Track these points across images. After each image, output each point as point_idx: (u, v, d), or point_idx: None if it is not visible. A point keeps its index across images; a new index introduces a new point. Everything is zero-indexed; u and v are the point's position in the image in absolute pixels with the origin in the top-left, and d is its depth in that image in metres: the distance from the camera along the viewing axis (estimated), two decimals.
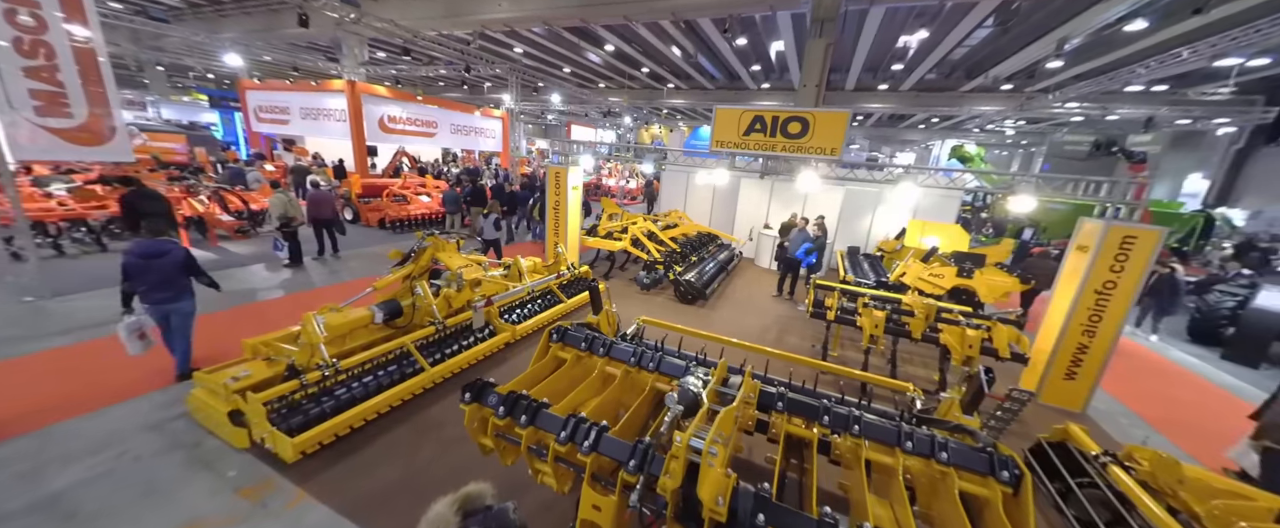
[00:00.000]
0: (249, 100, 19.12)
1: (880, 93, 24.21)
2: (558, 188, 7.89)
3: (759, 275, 10.55)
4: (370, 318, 4.47)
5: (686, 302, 7.87)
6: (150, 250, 4.04)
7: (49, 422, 3.59)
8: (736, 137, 6.37)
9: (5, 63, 5.17)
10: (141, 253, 4.00)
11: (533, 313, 6.11)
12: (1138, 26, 11.33)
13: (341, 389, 3.77)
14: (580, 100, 29.77)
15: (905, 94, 23.94)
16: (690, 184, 13.53)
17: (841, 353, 6.16)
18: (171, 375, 4.33)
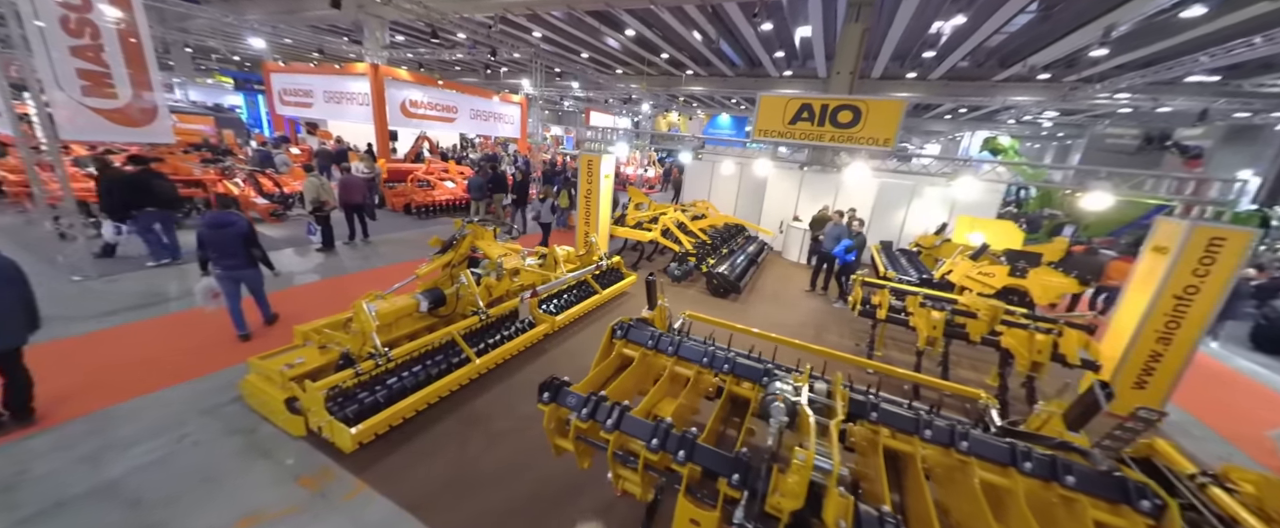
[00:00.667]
0: (273, 83, 19.18)
1: (908, 81, 23.35)
2: (590, 176, 7.72)
3: (789, 269, 10.32)
4: (416, 306, 4.41)
5: (719, 295, 7.71)
6: (218, 222, 4.54)
7: (105, 404, 3.62)
8: (781, 125, 6.11)
9: (53, 41, 5.14)
10: (210, 223, 4.52)
11: (569, 303, 6.01)
12: (1195, 13, 10.60)
13: (392, 378, 3.72)
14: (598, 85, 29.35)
15: (934, 83, 23.05)
16: (715, 174, 13.25)
17: (885, 353, 5.96)
18: (223, 358, 4.36)
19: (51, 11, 5.14)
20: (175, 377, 4.05)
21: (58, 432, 3.29)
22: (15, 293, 3.16)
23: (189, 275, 6.32)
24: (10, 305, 3.12)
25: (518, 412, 4.06)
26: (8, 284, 3.11)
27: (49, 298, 5.20)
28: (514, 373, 4.67)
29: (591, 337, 5.75)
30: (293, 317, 5.46)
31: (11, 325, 3.13)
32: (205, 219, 4.60)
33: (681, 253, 7.99)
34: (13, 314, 3.13)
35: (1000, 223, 7.64)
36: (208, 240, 4.51)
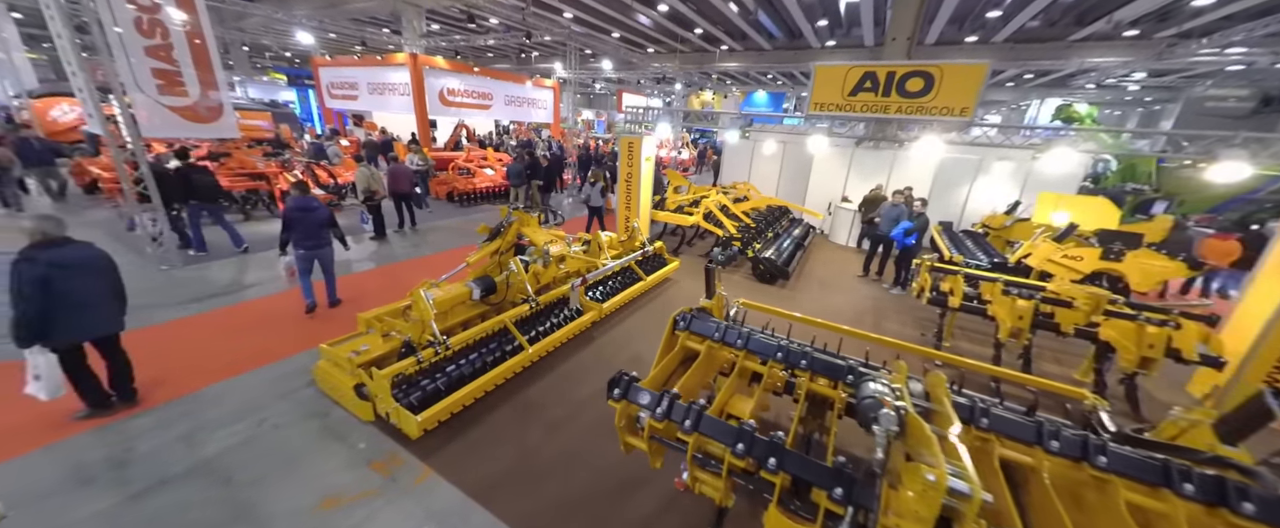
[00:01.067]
0: (322, 77, 20.00)
1: (968, 46, 21.30)
2: (630, 159, 7.53)
3: (837, 253, 9.80)
4: (468, 294, 4.44)
5: (766, 281, 7.41)
6: (303, 206, 5.01)
7: (195, 388, 3.87)
8: (840, 97, 5.62)
9: (130, 43, 5.43)
10: (296, 207, 4.97)
11: (614, 290, 5.93)
12: None
13: (451, 366, 3.77)
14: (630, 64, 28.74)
15: (999, 46, 20.91)
16: (756, 153, 12.70)
17: (952, 343, 5.53)
18: (294, 344, 4.58)
19: (127, 15, 5.41)
20: (253, 361, 4.29)
21: (157, 413, 3.55)
22: (108, 282, 3.33)
23: (258, 265, 6.72)
24: (105, 294, 3.31)
25: (571, 399, 4.04)
26: (100, 274, 3.27)
27: (142, 288, 5.67)
28: (563, 360, 4.66)
29: (638, 324, 5.66)
30: (352, 302, 5.69)
31: (107, 313, 3.33)
32: (293, 203, 5.01)
33: (725, 237, 7.71)
34: (107, 302, 3.33)
35: (1093, 200, 6.83)
36: (295, 222, 4.95)
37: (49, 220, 3.13)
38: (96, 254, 3.28)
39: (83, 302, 3.12)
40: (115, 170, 6.15)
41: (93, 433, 3.29)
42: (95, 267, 3.24)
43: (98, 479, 2.92)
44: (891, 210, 7.30)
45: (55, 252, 3.03)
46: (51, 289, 2.92)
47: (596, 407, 3.96)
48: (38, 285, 2.87)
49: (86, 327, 3.22)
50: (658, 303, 6.39)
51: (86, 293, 3.15)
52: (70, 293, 3.04)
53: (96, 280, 3.23)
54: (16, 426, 3.27)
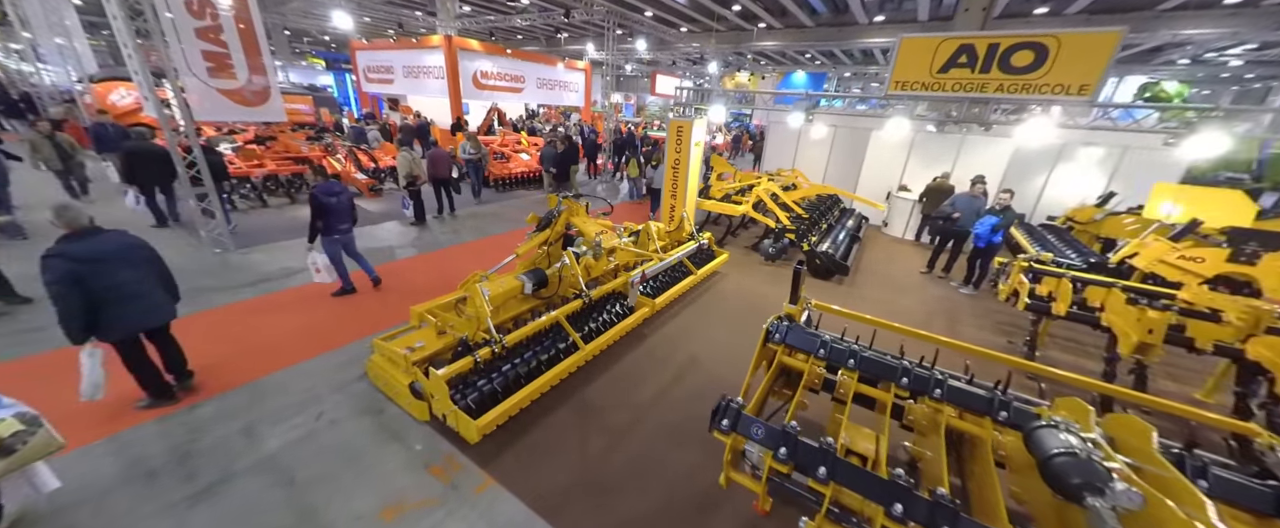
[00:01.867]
0: (359, 61, 20.16)
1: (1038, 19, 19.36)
2: (679, 144, 7.10)
3: (894, 246, 9.15)
4: (521, 288, 4.22)
5: (821, 276, 6.92)
6: (331, 190, 4.89)
7: (253, 376, 3.83)
8: (927, 75, 4.99)
9: (182, 25, 5.37)
10: (325, 192, 4.84)
11: (664, 284, 5.62)
12: None
13: (506, 365, 3.56)
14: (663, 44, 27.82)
15: (1072, 17, 18.88)
16: (803, 137, 11.97)
17: (1043, 351, 4.96)
18: (344, 332, 4.51)
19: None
20: (307, 350, 4.23)
21: (218, 402, 3.51)
22: (151, 271, 3.23)
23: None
24: (150, 284, 3.20)
25: (631, 402, 3.79)
26: (140, 264, 3.15)
27: (196, 270, 5.74)
28: (617, 359, 4.41)
29: (690, 320, 5.34)
30: (397, 289, 5.60)
31: (155, 302, 3.22)
32: (321, 189, 4.87)
33: (778, 228, 7.23)
34: (154, 292, 3.23)
35: (1222, 193, 5.95)
36: (329, 208, 4.84)
37: (68, 210, 2.92)
38: (130, 243, 3.13)
39: (128, 294, 3.01)
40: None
41: (156, 423, 3.26)
42: (132, 256, 3.10)
43: (162, 473, 2.86)
44: (969, 201, 6.63)
45: (84, 244, 2.86)
46: (88, 284, 2.79)
47: (660, 412, 3.69)
48: (69, 282, 2.73)
49: (136, 319, 3.11)
50: (707, 297, 6.05)
51: (130, 284, 3.02)
52: (114, 286, 2.91)
53: (136, 270, 3.09)
54: (80, 414, 3.27)
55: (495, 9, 23.88)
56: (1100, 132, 7.77)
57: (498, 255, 6.88)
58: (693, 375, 4.23)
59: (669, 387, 4.03)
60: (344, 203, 5.05)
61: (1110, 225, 7.03)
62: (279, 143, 9.51)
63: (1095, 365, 4.92)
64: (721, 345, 4.79)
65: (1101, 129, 7.05)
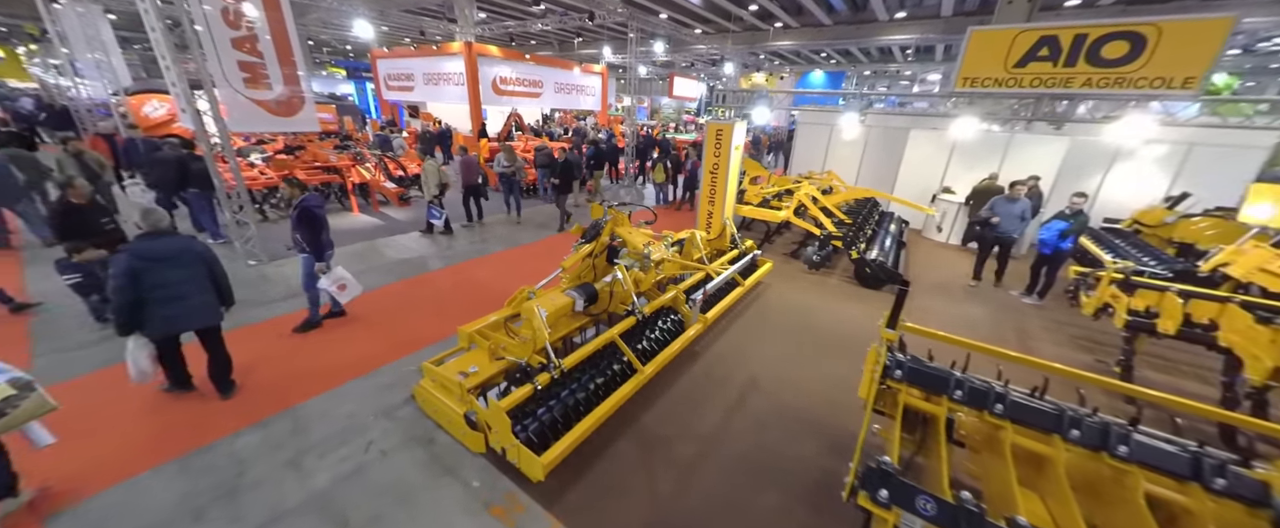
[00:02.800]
0: (379, 69, 20.33)
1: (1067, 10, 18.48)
2: (718, 148, 6.82)
3: (937, 251, 8.70)
4: (571, 305, 3.97)
5: (870, 285, 6.55)
6: (319, 201, 4.47)
7: (297, 398, 3.65)
8: (1001, 70, 4.63)
9: (218, 37, 5.28)
10: (317, 203, 4.40)
11: (712, 296, 5.31)
12: None
13: (564, 391, 3.31)
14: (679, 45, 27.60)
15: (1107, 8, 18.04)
16: (833, 137, 11.58)
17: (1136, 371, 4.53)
18: (384, 351, 4.32)
19: (214, 5, 5.24)
20: (350, 370, 4.05)
21: (264, 429, 3.32)
22: (203, 274, 3.32)
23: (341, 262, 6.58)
24: (199, 287, 3.29)
25: (695, 432, 3.51)
26: (191, 266, 3.24)
27: (234, 283, 5.64)
28: (672, 380, 4.13)
29: (741, 336, 5.04)
30: (431, 304, 5.40)
31: (200, 304, 3.31)
32: (312, 200, 4.38)
33: (823, 235, 6.88)
34: (201, 295, 3.31)
35: None
36: (324, 220, 4.44)
37: (152, 213, 3.19)
38: (184, 245, 3.24)
39: (174, 295, 3.13)
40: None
41: (200, 454, 3.08)
42: (185, 259, 3.20)
43: (209, 513, 2.67)
44: (1010, 205, 6.17)
45: (147, 244, 3.07)
46: (142, 281, 2.98)
47: (728, 443, 3.40)
48: (128, 278, 2.94)
49: (179, 319, 3.22)
50: (754, 310, 5.74)
51: (178, 285, 3.15)
52: (161, 285, 3.07)
53: (186, 272, 3.20)
54: (121, 446, 3.12)
55: (512, 14, 23.97)
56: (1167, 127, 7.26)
57: (530, 266, 6.75)
58: (755, 400, 3.93)
59: (732, 413, 3.74)
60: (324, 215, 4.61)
61: (1184, 229, 6.52)
62: (308, 152, 9.49)
63: (1193, 386, 4.49)
64: (779, 365, 4.48)
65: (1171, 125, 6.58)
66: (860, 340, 5.01)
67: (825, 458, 3.27)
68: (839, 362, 4.56)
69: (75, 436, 3.18)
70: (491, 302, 5.47)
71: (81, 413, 3.39)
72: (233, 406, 3.55)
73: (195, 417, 3.43)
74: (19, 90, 24.75)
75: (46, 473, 2.80)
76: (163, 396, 3.62)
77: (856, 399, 3.80)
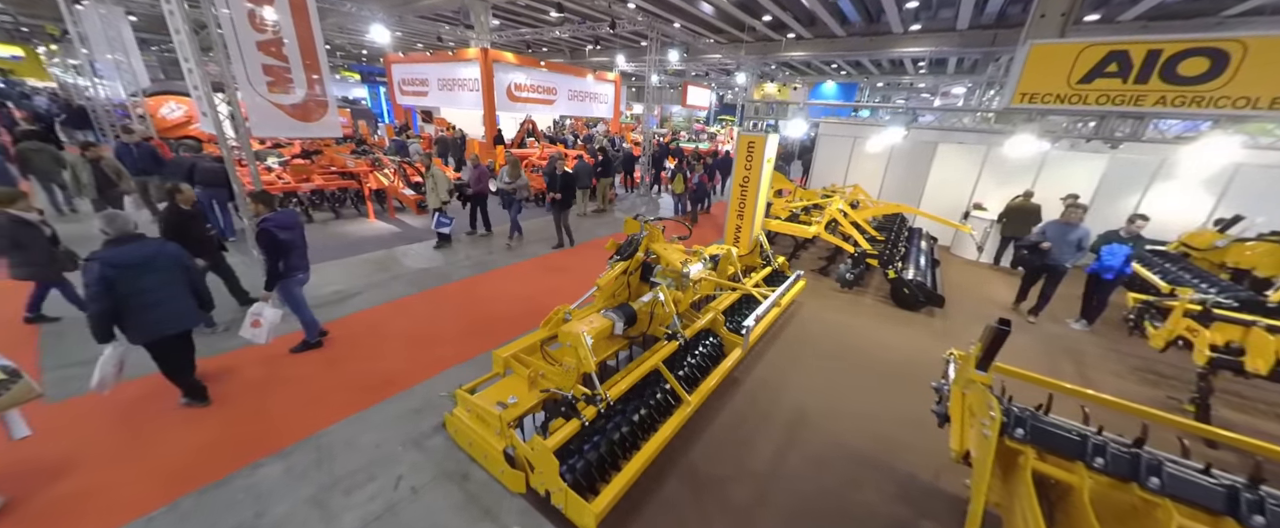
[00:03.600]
0: (394, 74, 20.36)
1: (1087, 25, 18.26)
2: (749, 160, 6.60)
3: (971, 270, 8.41)
4: (610, 327, 3.73)
5: (907, 307, 6.27)
6: (285, 222, 3.96)
7: (317, 424, 3.41)
8: (1064, 85, 4.40)
9: (243, 39, 5.14)
10: (279, 224, 3.89)
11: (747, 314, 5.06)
12: None
13: (608, 424, 3.06)
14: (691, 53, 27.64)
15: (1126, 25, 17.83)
16: (855, 150, 11.37)
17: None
18: (406, 372, 4.08)
19: (241, 8, 5.11)
20: (374, 392, 3.82)
21: (286, 458, 3.09)
22: (178, 279, 3.26)
23: (363, 270, 6.40)
24: (176, 292, 3.23)
25: (747, 470, 3.24)
26: (165, 271, 3.17)
27: (251, 292, 5.46)
28: (716, 410, 3.87)
29: (780, 359, 4.78)
30: (450, 318, 5.16)
31: (178, 309, 3.26)
32: (274, 221, 3.89)
33: (857, 253, 6.63)
34: (178, 300, 3.26)
35: None
36: (289, 244, 3.92)
37: (115, 219, 3.09)
38: (155, 250, 3.16)
39: (152, 301, 3.09)
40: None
41: (218, 487, 2.84)
42: (158, 263, 3.14)
43: None
44: (1062, 230, 5.61)
45: (117, 251, 2.99)
46: (117, 289, 2.92)
47: (785, 484, 3.13)
48: (102, 286, 2.88)
49: (161, 324, 3.17)
50: (790, 330, 5.47)
51: (155, 291, 3.10)
52: (137, 292, 3.01)
53: (161, 277, 3.14)
54: (133, 476, 2.89)
55: (526, 22, 24.05)
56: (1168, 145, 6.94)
57: (544, 281, 6.47)
58: (807, 435, 3.66)
59: (786, 450, 3.47)
60: (301, 237, 4.15)
61: (1238, 254, 6.22)
62: (325, 156, 9.36)
63: (1272, 426, 4.17)
64: (826, 395, 4.21)
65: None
66: (906, 367, 4.74)
67: (894, 506, 3.00)
68: (889, 392, 4.29)
69: (85, 463, 2.96)
70: (516, 319, 5.26)
71: (89, 437, 3.17)
72: (251, 430, 3.32)
73: (211, 441, 3.20)
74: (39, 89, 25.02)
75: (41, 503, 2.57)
76: (174, 412, 3.41)
77: (919, 436, 3.58)
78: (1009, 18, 20.89)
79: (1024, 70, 4.78)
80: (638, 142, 22.45)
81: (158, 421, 3.37)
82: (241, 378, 3.93)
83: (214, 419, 3.43)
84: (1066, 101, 4.57)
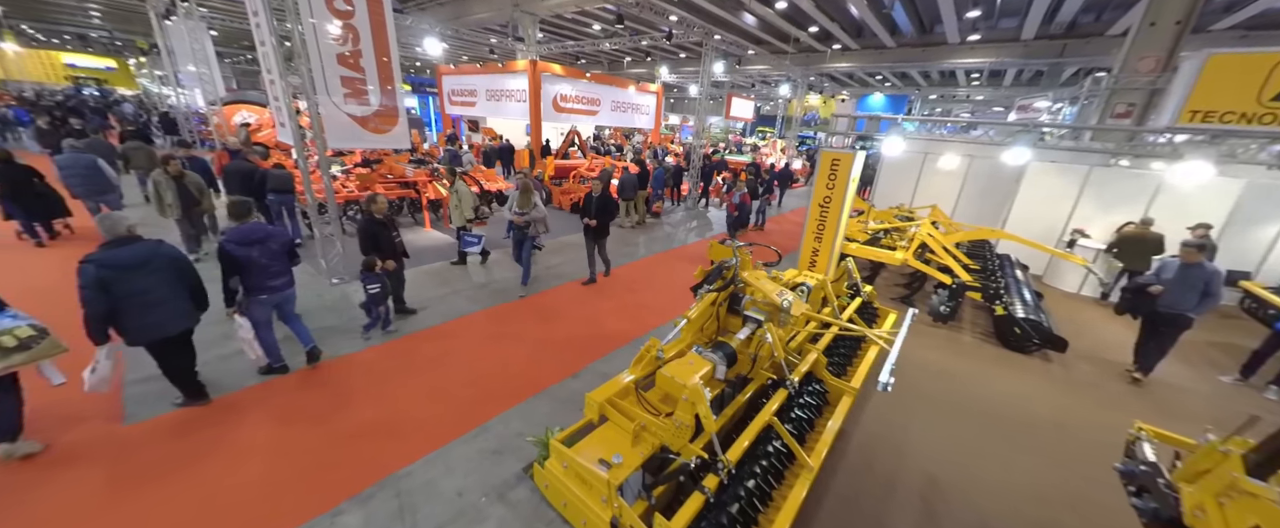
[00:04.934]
0: (444, 85, 20.94)
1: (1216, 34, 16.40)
2: (832, 179, 6.09)
3: (1071, 304, 7.52)
4: (711, 371, 3.30)
5: (1016, 348, 5.54)
6: (247, 236, 3.62)
7: (393, 465, 3.13)
8: (1251, 102, 3.75)
9: (325, 50, 5.11)
10: (237, 239, 3.58)
11: (845, 354, 4.52)
12: None
13: (726, 493, 2.62)
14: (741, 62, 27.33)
15: (1218, 34, 16.09)
16: (926, 167, 10.59)
17: None
18: (471, 406, 3.77)
19: (325, 21, 5.08)
20: (450, 426, 3.53)
21: (365, 506, 2.80)
22: (175, 280, 3.23)
23: (429, 282, 6.23)
24: (173, 293, 3.22)
25: None
26: (161, 272, 3.14)
27: (319, 306, 5.34)
28: (830, 475, 3.35)
29: (885, 407, 4.21)
30: (512, 339, 4.84)
31: (175, 310, 3.25)
32: (233, 235, 3.57)
33: (956, 284, 5.95)
34: (175, 301, 3.24)
35: None
36: (245, 261, 3.55)
37: (107, 219, 3.08)
38: (151, 250, 3.13)
39: (146, 302, 3.08)
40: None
41: None
42: (154, 264, 3.11)
43: None
44: (1187, 272, 4.51)
45: (111, 252, 2.98)
46: (112, 291, 2.92)
47: None
48: (96, 288, 2.88)
49: (158, 326, 3.18)
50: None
51: (150, 293, 3.09)
52: (132, 294, 3.00)
53: (156, 278, 3.12)
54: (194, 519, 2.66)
55: (569, 35, 24.38)
56: None
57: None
58: (946, 510, 3.09)
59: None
60: (271, 252, 3.70)
61: None
62: (384, 165, 9.45)
63: None
64: (955, 457, 3.61)
65: None
66: (1040, 427, 4.08)
67: None
68: (1029, 459, 3.65)
69: (140, 494, 2.75)
70: (587, 343, 4.92)
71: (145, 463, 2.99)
72: (330, 468, 3.07)
73: (284, 479, 2.96)
74: (127, 97, 27.29)
75: None
76: (237, 441, 3.21)
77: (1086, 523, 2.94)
78: (1080, 27, 19.49)
79: (1197, 84, 4.09)
80: (678, 152, 22.12)
81: (217, 445, 3.18)
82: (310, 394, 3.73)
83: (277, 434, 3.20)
84: (1255, 120, 3.86)
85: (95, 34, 30.14)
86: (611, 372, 4.54)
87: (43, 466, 2.93)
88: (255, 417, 3.51)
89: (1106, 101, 9.01)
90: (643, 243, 9.65)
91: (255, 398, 3.73)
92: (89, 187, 6.73)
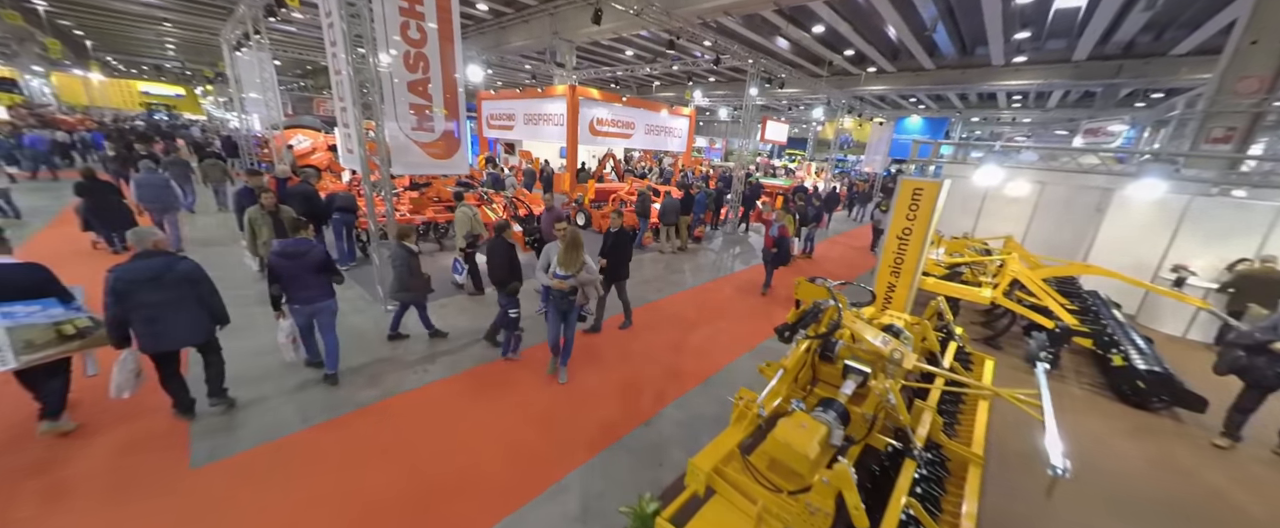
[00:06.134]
0: (484, 109, 21.58)
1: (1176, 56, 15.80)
2: (914, 210, 5.66)
3: (1182, 351, 6.69)
4: (827, 435, 2.88)
5: (1132, 402, 4.87)
6: (289, 250, 3.91)
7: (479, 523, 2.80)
8: None
9: (398, 77, 5.11)
10: (280, 253, 3.90)
11: (950, 410, 3.99)
12: None
13: None
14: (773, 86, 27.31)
15: None
16: (990, 195, 9.96)
17: None
18: (541, 462, 3.43)
19: (398, 48, 5.10)
20: (529, 482, 3.20)
21: None
22: (186, 294, 3.34)
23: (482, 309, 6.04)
24: (184, 307, 3.34)
25: None
26: (173, 287, 3.26)
27: (376, 336, 5.19)
28: None
29: (1008, 473, 3.65)
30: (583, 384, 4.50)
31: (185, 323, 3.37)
32: (278, 249, 3.96)
33: (1060, 328, 5.34)
34: (185, 314, 3.36)
35: None
36: (278, 271, 3.90)
37: (137, 233, 3.29)
38: (165, 266, 3.25)
39: (151, 316, 3.21)
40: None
41: None
42: (165, 280, 3.23)
43: None
44: None
45: (129, 266, 3.16)
46: (125, 302, 3.11)
47: None
48: (112, 297, 3.09)
49: (159, 337, 3.29)
50: (999, 431, 4.29)
51: (155, 307, 3.21)
52: (139, 306, 3.16)
53: (165, 294, 3.24)
54: None
55: (603, 61, 24.97)
56: None
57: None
58: None
59: None
60: (308, 265, 3.93)
61: None
62: (433, 188, 9.53)
63: None
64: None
65: None
66: (1203, 512, 3.43)
67: None
68: None
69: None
70: (647, 387, 4.55)
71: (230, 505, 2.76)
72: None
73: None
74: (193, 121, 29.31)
75: None
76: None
77: None
78: (1138, 47, 18.59)
79: None
80: (712, 175, 21.95)
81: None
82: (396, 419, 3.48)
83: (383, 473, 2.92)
84: None
85: (169, 64, 32.80)
86: (686, 419, 4.17)
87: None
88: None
89: (1202, 125, 8.30)
90: (688, 270, 9.31)
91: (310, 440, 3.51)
92: (158, 202, 7.34)
